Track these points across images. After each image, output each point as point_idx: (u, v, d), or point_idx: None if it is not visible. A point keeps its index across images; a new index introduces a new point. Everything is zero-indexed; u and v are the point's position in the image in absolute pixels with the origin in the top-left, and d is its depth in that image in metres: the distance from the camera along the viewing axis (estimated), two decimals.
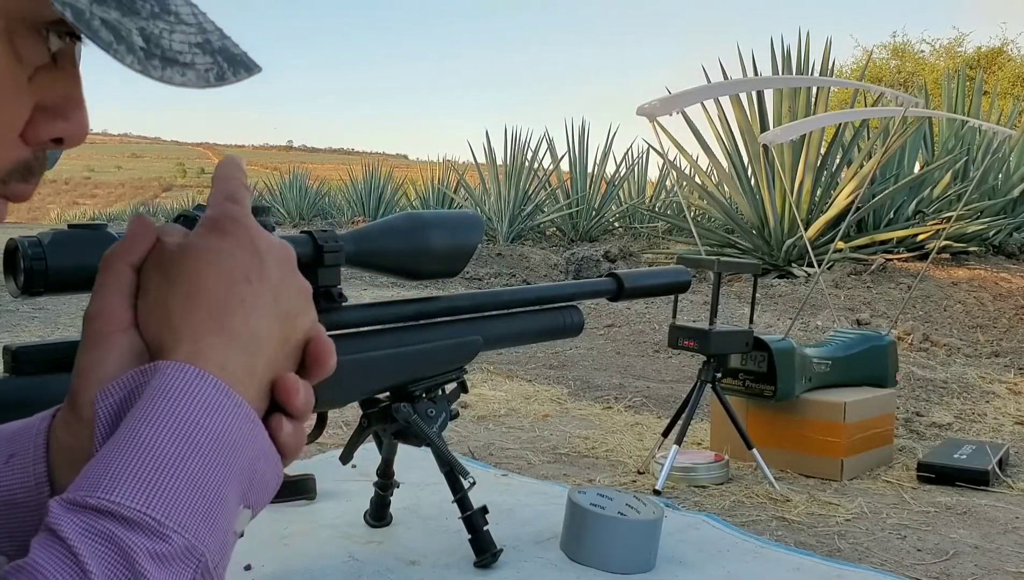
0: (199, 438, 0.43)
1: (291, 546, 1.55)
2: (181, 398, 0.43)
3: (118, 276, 0.49)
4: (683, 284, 1.61)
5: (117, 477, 0.40)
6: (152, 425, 0.42)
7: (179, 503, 0.41)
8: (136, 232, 0.50)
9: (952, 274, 5.66)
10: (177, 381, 0.44)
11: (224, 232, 0.49)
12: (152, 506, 0.40)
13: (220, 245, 0.48)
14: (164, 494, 0.40)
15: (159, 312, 0.47)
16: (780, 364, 2.17)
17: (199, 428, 0.43)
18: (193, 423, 0.43)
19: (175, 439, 0.42)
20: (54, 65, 0.47)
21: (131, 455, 0.41)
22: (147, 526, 0.39)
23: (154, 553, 0.39)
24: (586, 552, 1.52)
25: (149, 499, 0.40)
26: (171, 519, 0.40)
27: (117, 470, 0.41)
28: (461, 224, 1.25)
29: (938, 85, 11.23)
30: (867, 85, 4.33)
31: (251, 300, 0.48)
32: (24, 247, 0.79)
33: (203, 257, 0.48)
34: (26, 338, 3.86)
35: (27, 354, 0.85)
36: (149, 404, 0.43)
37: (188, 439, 0.42)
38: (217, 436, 0.43)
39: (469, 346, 1.34)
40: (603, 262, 6.58)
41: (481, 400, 2.93)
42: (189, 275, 0.47)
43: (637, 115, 2.52)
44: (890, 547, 1.75)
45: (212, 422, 0.43)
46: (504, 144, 10.41)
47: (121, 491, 0.40)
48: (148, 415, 0.43)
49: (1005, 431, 2.73)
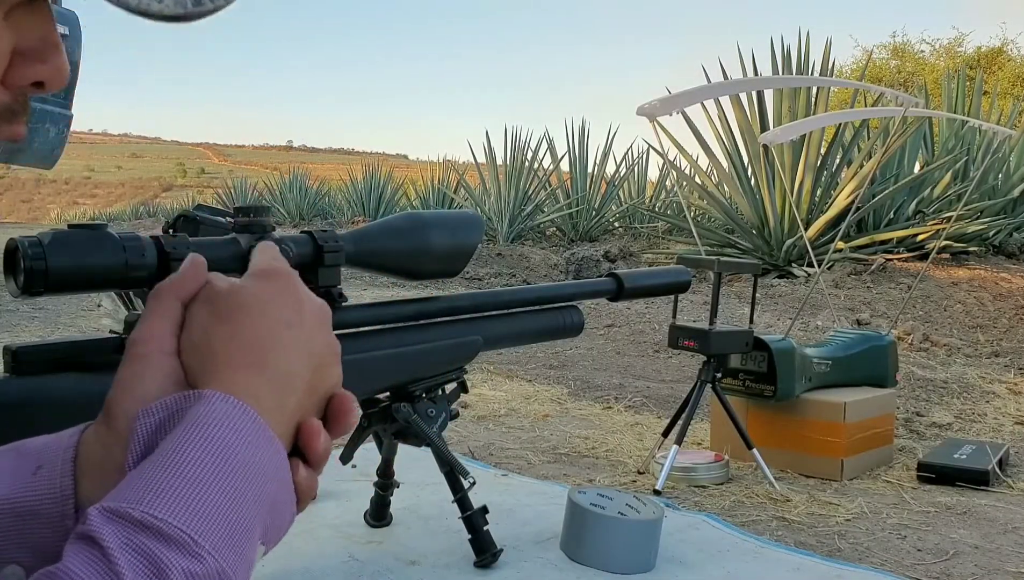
0: (237, 467, 0.44)
1: (291, 546, 1.55)
2: (222, 425, 0.45)
3: (165, 307, 0.52)
4: (683, 284, 1.61)
5: (160, 493, 0.41)
6: (196, 447, 0.44)
7: (215, 526, 0.42)
8: (189, 270, 0.53)
9: (952, 274, 5.66)
10: (219, 410, 0.45)
11: (272, 280, 0.53)
12: (191, 525, 0.41)
13: (268, 291, 0.52)
14: (203, 514, 0.41)
15: (203, 344, 0.50)
16: (780, 364, 2.17)
17: (237, 456, 0.44)
18: (232, 451, 0.44)
19: (217, 464, 0.43)
20: (29, 6, 0.47)
21: (174, 473, 0.42)
22: (185, 544, 0.40)
23: (188, 572, 0.40)
24: (586, 552, 1.52)
25: (189, 518, 0.41)
26: (207, 540, 0.41)
27: (160, 486, 0.42)
28: (461, 224, 1.25)
29: (938, 85, 11.23)
30: (867, 85, 4.33)
31: (289, 344, 0.50)
32: (24, 247, 0.79)
33: (251, 299, 0.51)
34: (26, 338, 3.86)
35: (27, 354, 0.85)
36: (193, 427, 0.45)
37: (228, 466, 0.44)
38: (252, 466, 0.45)
39: (469, 346, 1.34)
40: (603, 262, 6.58)
41: (481, 400, 2.93)
42: (235, 314, 0.50)
43: (637, 115, 2.52)
44: (890, 547, 1.75)
45: (248, 452, 0.45)
46: (504, 144, 10.42)
47: (163, 507, 0.41)
48: (192, 437, 0.44)
49: (1005, 431, 2.73)
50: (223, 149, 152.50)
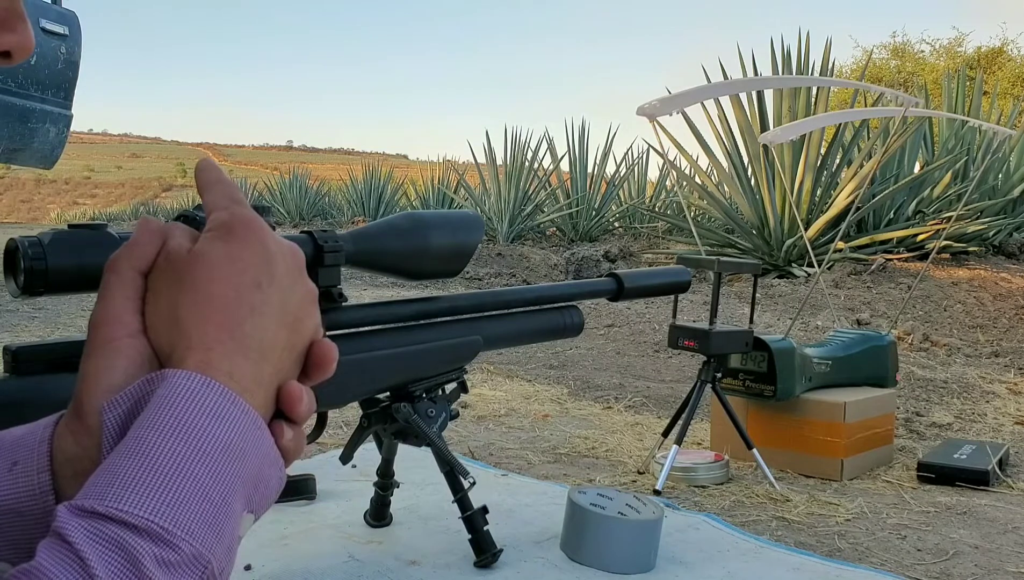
0: (206, 446, 0.43)
1: (291, 546, 1.55)
2: (188, 406, 0.43)
3: (124, 281, 0.49)
4: (683, 284, 1.61)
5: (125, 485, 0.40)
6: (159, 433, 0.42)
7: (187, 511, 0.41)
8: (143, 236, 0.50)
9: (952, 274, 5.66)
10: (183, 389, 0.44)
11: (235, 236, 0.48)
12: (160, 514, 0.40)
13: (232, 250, 0.48)
14: (172, 502, 0.40)
15: (168, 319, 0.47)
16: (780, 364, 2.17)
17: (206, 436, 0.43)
18: (200, 431, 0.43)
19: (183, 447, 0.42)
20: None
21: (139, 463, 0.41)
22: (155, 534, 0.39)
23: (161, 559, 0.39)
24: (586, 552, 1.52)
25: (157, 507, 0.40)
26: (179, 527, 0.40)
27: (125, 478, 0.40)
28: (461, 224, 1.25)
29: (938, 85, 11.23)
30: (867, 85, 4.32)
31: (261, 308, 0.47)
32: (24, 247, 0.79)
33: (215, 263, 0.47)
34: (26, 338, 3.86)
35: (27, 354, 0.85)
36: (156, 412, 0.43)
37: (196, 447, 0.42)
38: (224, 444, 0.43)
39: (469, 346, 1.34)
40: (603, 262, 6.57)
41: (481, 400, 2.93)
42: (200, 282, 0.47)
43: (637, 115, 2.52)
44: (890, 547, 1.74)
45: (219, 430, 0.43)
46: (504, 144, 10.42)
47: (129, 499, 0.40)
48: (155, 423, 0.42)
49: (1005, 431, 2.73)
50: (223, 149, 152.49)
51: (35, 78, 4.81)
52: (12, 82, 4.67)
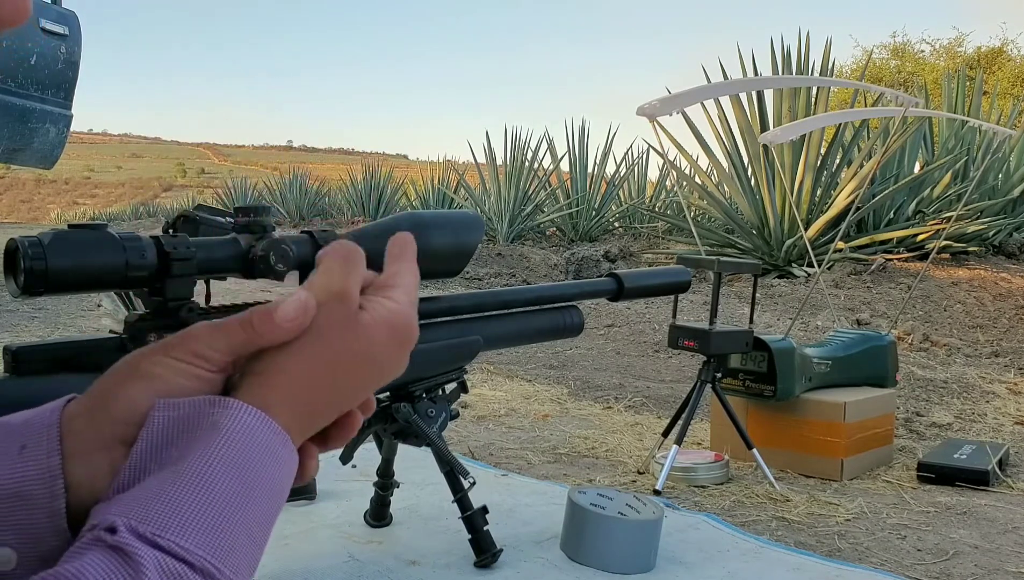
0: (259, 486, 0.44)
1: (291, 546, 1.55)
2: (247, 441, 0.44)
3: (234, 332, 0.48)
4: (683, 284, 1.61)
5: (186, 520, 0.41)
6: (222, 467, 0.43)
7: (237, 552, 0.42)
8: (294, 320, 0.49)
9: (952, 274, 5.66)
10: (244, 423, 0.44)
11: (397, 341, 0.51)
12: (216, 555, 0.41)
13: (389, 352, 0.50)
14: (227, 543, 0.42)
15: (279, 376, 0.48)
16: (780, 364, 2.17)
17: (262, 476, 0.44)
18: (256, 470, 0.44)
19: (240, 486, 0.43)
20: None
21: (199, 497, 0.42)
22: (208, 573, 0.41)
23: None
24: (586, 552, 1.52)
25: (213, 548, 0.41)
26: (228, 567, 0.41)
27: (186, 512, 0.41)
28: (461, 224, 1.25)
29: (938, 85, 11.23)
30: (867, 85, 4.32)
31: (354, 397, 0.51)
32: (24, 247, 0.79)
33: (371, 357, 0.50)
34: (26, 338, 3.86)
35: (27, 354, 0.85)
36: (219, 442, 0.44)
37: (251, 486, 0.43)
38: (272, 484, 0.45)
39: (469, 346, 1.34)
40: (603, 262, 6.57)
41: (481, 400, 2.93)
42: (334, 344, 0.48)
43: (637, 115, 2.52)
44: (890, 547, 1.74)
45: (271, 470, 0.45)
46: (504, 144, 10.42)
47: (189, 536, 0.41)
48: (218, 455, 0.43)
49: (1005, 431, 2.73)
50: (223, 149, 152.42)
51: (35, 78, 4.81)
52: (12, 82, 4.67)
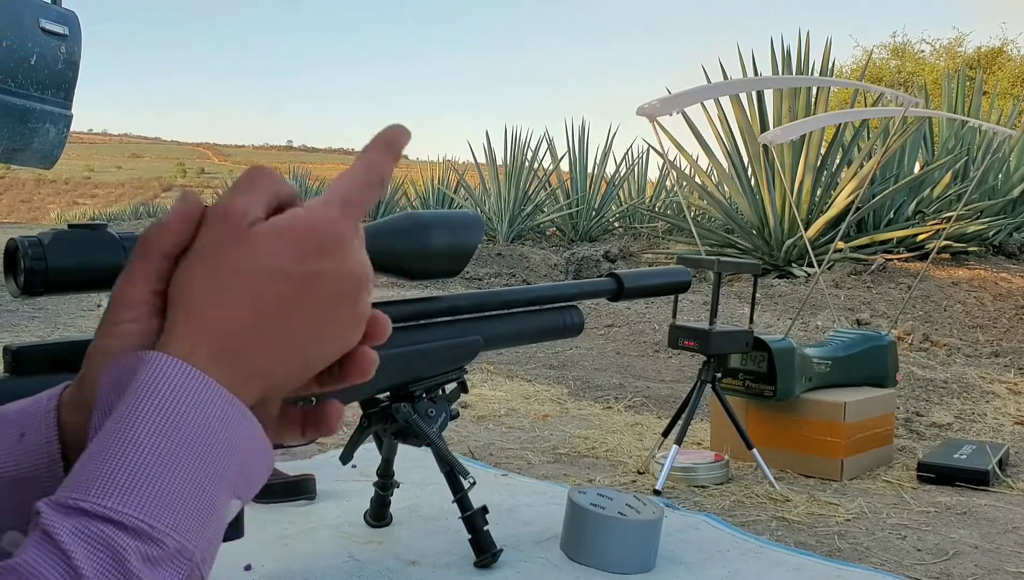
0: (190, 438, 0.42)
1: (291, 546, 1.55)
2: (171, 395, 0.42)
3: (146, 263, 0.46)
4: (683, 284, 1.61)
5: (110, 481, 0.40)
6: (144, 425, 0.41)
7: (171, 506, 0.41)
8: (175, 217, 0.47)
9: (952, 274, 5.66)
10: (166, 377, 0.42)
11: (324, 256, 0.47)
12: (145, 511, 0.40)
13: (297, 268, 0.46)
14: (156, 498, 0.40)
15: (179, 290, 0.45)
16: (780, 364, 2.17)
17: (190, 427, 0.42)
18: (184, 422, 0.42)
19: (166, 440, 0.41)
20: None
21: (122, 457, 0.41)
22: (141, 531, 0.39)
23: (147, 556, 0.39)
24: (586, 552, 1.52)
25: (142, 504, 0.40)
26: (163, 523, 0.40)
27: (109, 473, 0.40)
28: (461, 224, 1.25)
29: (938, 85, 11.23)
30: (867, 85, 4.32)
31: (274, 317, 0.45)
32: (24, 247, 0.79)
33: (264, 271, 0.45)
34: (26, 338, 3.86)
35: (27, 354, 0.85)
36: (138, 402, 0.42)
37: (179, 440, 0.42)
38: (208, 436, 0.42)
39: (469, 346, 1.34)
40: (603, 262, 6.57)
41: (481, 400, 2.93)
42: (234, 281, 0.44)
43: (637, 115, 2.52)
44: (890, 547, 1.74)
45: (203, 421, 0.42)
46: (504, 144, 10.41)
47: (114, 496, 0.40)
48: (139, 413, 0.42)
49: (1005, 431, 2.73)
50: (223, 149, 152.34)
51: (35, 78, 4.80)
52: (12, 82, 4.66)
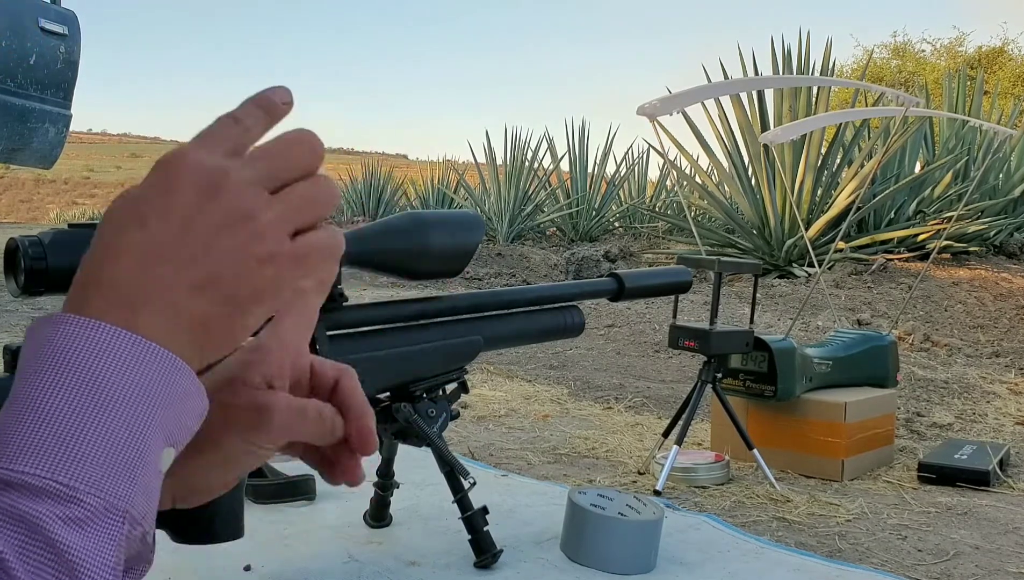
0: (106, 395, 0.40)
1: (291, 546, 1.55)
2: (81, 351, 0.40)
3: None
4: (684, 284, 1.61)
5: (20, 446, 0.38)
6: (52, 386, 0.39)
7: (89, 464, 0.38)
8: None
9: (953, 274, 5.66)
10: (78, 335, 0.40)
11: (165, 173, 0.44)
12: (58, 471, 0.37)
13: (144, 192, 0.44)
14: (71, 458, 0.38)
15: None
16: (781, 364, 2.17)
17: (105, 384, 0.40)
18: (95, 376, 0.40)
19: (79, 398, 0.39)
20: None
21: (31, 420, 0.39)
22: (55, 492, 0.37)
23: (67, 518, 0.37)
24: (586, 553, 1.52)
25: (54, 465, 0.38)
26: (81, 482, 0.38)
27: (18, 439, 0.38)
28: (461, 224, 1.25)
29: (939, 85, 11.24)
30: (868, 85, 4.33)
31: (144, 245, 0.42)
32: (24, 247, 0.79)
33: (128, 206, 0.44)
34: None
35: None
36: (50, 363, 0.40)
37: (94, 398, 0.40)
38: (130, 392, 0.40)
39: (470, 346, 1.33)
40: (603, 262, 6.57)
41: (481, 400, 2.93)
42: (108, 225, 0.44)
43: (637, 115, 2.52)
44: (891, 547, 1.74)
45: (123, 378, 0.40)
46: (504, 144, 10.40)
47: (21, 459, 0.37)
48: (48, 376, 0.40)
49: (1006, 431, 2.73)
50: None
51: (35, 78, 4.81)
52: (12, 82, 4.67)
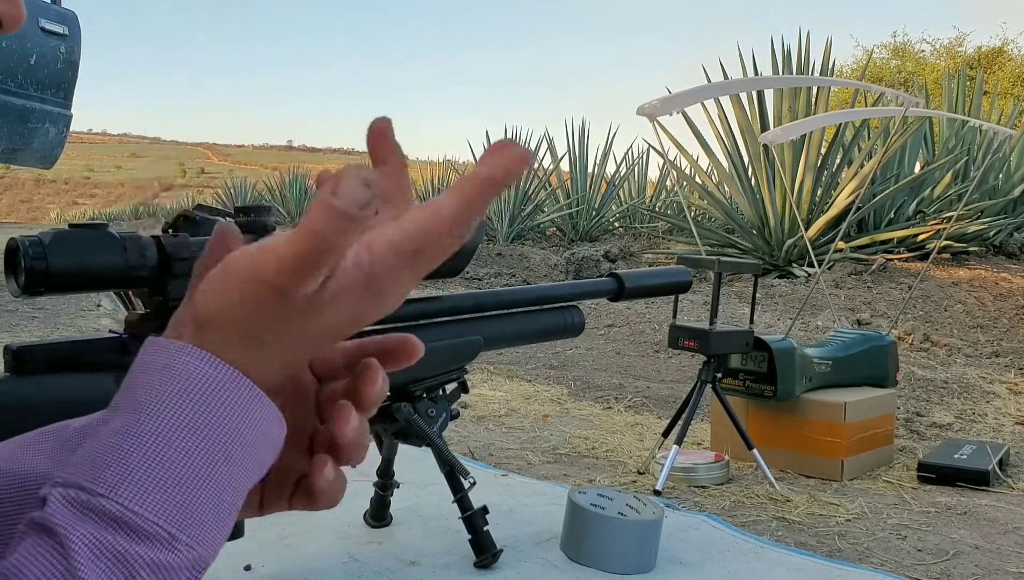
0: (217, 434, 0.38)
1: (291, 546, 1.55)
2: (200, 387, 0.37)
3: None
4: (684, 284, 1.61)
5: (140, 481, 0.36)
6: (178, 422, 0.37)
7: (198, 515, 0.37)
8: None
9: (952, 274, 5.66)
10: (192, 366, 0.38)
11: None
12: (170, 520, 0.36)
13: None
14: (183, 505, 0.36)
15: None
16: (780, 364, 2.17)
17: (224, 431, 0.38)
18: (220, 425, 0.38)
19: (191, 436, 0.37)
20: None
21: (154, 455, 0.36)
22: (160, 538, 0.35)
23: (156, 564, 0.35)
24: (586, 552, 1.52)
25: (168, 511, 0.36)
26: (184, 532, 0.36)
27: (138, 471, 0.36)
28: None
29: (938, 85, 11.23)
30: (867, 85, 4.33)
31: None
32: (25, 247, 0.79)
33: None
34: (26, 338, 3.86)
35: (27, 354, 0.85)
36: (175, 396, 0.37)
37: (205, 436, 0.37)
38: (233, 431, 0.38)
39: (470, 346, 1.33)
40: (603, 262, 6.57)
41: (481, 400, 2.93)
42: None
43: (637, 115, 2.52)
44: (890, 547, 1.74)
45: (230, 416, 0.38)
46: None
47: (142, 499, 0.35)
48: (174, 407, 0.37)
49: (1005, 431, 2.73)
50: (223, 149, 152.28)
51: (35, 78, 4.81)
52: (12, 82, 4.67)
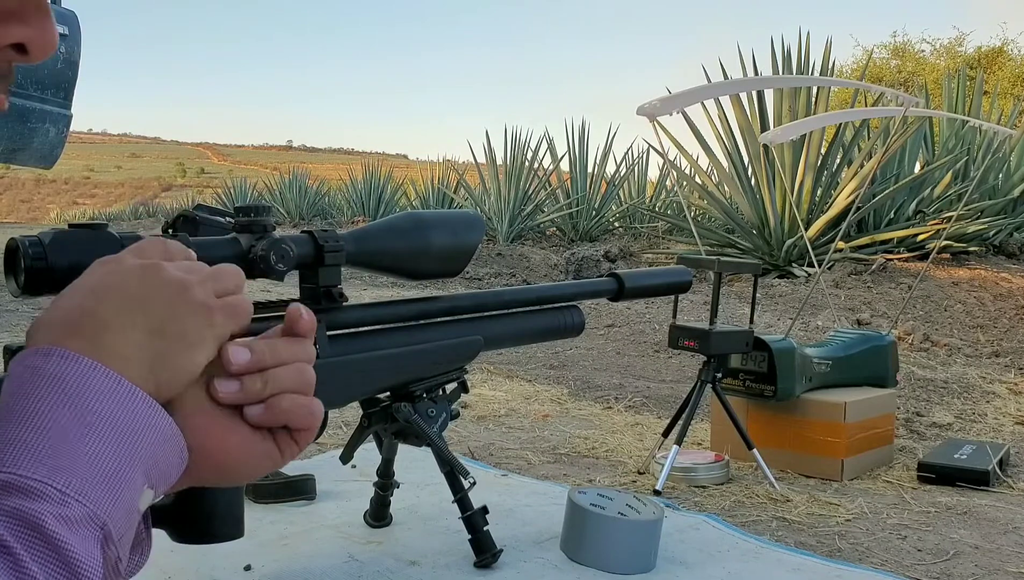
0: (95, 421, 0.45)
1: (291, 546, 1.55)
2: (75, 384, 0.46)
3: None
4: (684, 284, 1.61)
5: (20, 452, 0.42)
6: (50, 406, 0.44)
7: (78, 475, 0.43)
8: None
9: (952, 274, 5.66)
10: (68, 368, 0.46)
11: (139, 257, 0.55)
12: (53, 478, 0.42)
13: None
14: (63, 467, 0.43)
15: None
16: (780, 364, 2.17)
17: (93, 413, 0.45)
18: (87, 406, 0.45)
19: (69, 412, 0.44)
20: None
21: (29, 431, 0.43)
22: (50, 495, 0.41)
23: (60, 516, 0.41)
24: (586, 552, 1.52)
25: (50, 471, 0.42)
26: (71, 489, 0.42)
27: (19, 446, 0.43)
28: (461, 224, 1.25)
29: (938, 85, 11.23)
30: (867, 85, 4.33)
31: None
32: (25, 247, 0.79)
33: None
34: None
35: None
36: (46, 386, 0.45)
37: (83, 420, 0.45)
38: (113, 421, 0.45)
39: (470, 346, 1.33)
40: (603, 262, 6.57)
41: (481, 400, 2.93)
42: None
43: (637, 115, 2.52)
44: (890, 547, 1.74)
45: (106, 408, 0.46)
46: (504, 144, 10.42)
47: (25, 465, 0.42)
48: (46, 396, 0.45)
49: (1005, 431, 2.73)
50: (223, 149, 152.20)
51: (35, 78, 4.80)
52: None
